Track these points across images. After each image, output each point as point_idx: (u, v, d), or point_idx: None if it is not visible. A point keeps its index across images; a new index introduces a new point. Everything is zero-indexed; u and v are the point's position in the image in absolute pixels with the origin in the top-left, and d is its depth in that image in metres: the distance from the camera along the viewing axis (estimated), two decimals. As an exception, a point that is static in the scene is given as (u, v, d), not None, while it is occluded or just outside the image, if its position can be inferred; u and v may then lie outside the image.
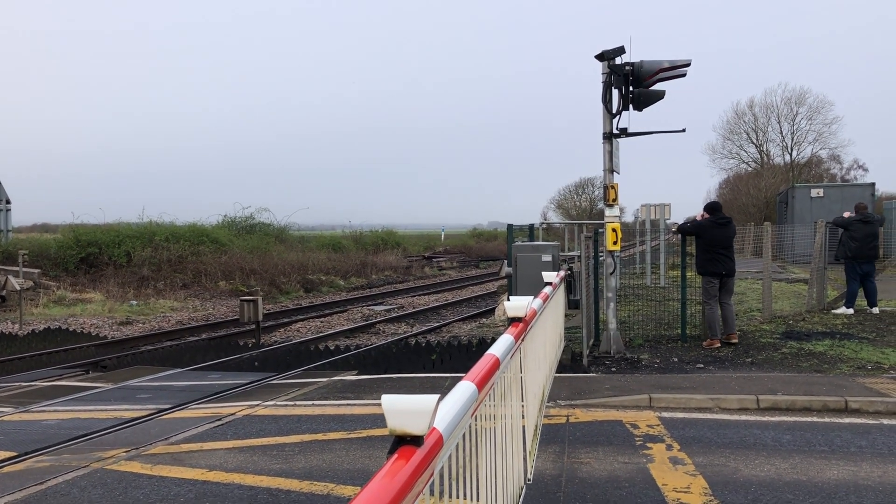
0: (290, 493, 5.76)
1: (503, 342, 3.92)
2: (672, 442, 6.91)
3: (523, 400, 4.88)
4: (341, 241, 43.51)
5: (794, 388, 8.66)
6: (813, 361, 10.36)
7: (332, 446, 7.03)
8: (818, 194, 34.09)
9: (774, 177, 56.09)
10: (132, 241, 28.50)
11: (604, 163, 11.18)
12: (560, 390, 8.80)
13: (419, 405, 2.03)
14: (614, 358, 11.06)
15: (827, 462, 6.26)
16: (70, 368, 12.51)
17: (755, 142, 63.19)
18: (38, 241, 30.06)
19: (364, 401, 8.79)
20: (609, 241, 11.19)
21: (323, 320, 19.59)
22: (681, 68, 10.73)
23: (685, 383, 9.07)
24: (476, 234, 68.17)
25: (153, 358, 13.45)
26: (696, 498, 5.45)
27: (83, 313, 20.47)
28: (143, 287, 25.40)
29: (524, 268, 11.46)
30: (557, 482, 5.85)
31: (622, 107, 11.00)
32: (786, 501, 5.35)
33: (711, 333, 11.81)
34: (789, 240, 30.33)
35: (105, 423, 8.17)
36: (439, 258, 48.16)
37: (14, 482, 6.17)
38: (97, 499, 5.72)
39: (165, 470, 6.39)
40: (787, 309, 15.69)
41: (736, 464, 6.24)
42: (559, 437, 7.13)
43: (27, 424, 8.35)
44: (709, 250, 11.86)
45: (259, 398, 9.30)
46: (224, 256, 29.21)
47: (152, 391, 10.13)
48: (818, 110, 60.01)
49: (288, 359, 12.68)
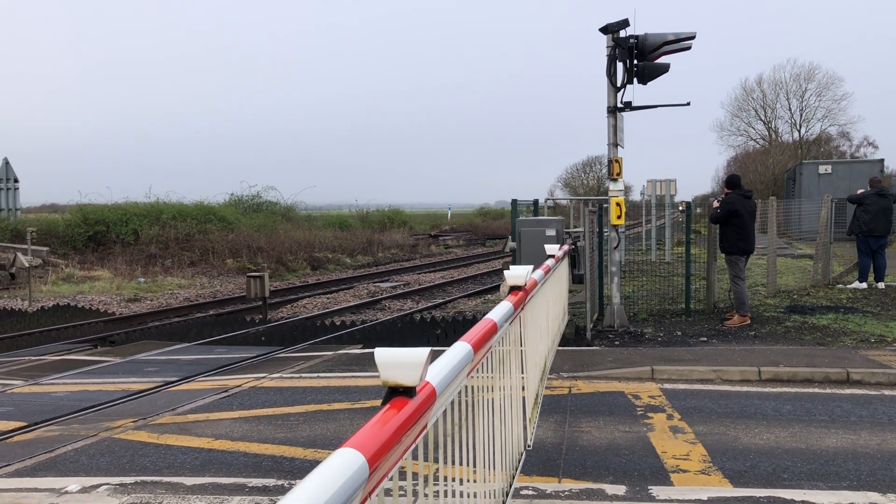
0: (293, 459, 5.85)
1: (501, 308, 3.96)
2: (673, 412, 6.97)
3: (524, 369, 4.94)
4: (348, 220, 43.55)
5: (796, 360, 8.70)
6: (816, 335, 10.39)
7: (336, 416, 7.11)
8: (826, 171, 33.93)
9: (783, 154, 55.80)
10: (139, 219, 28.60)
11: (608, 137, 11.17)
12: (563, 363, 8.86)
13: (411, 357, 2.08)
14: (618, 332, 11.11)
15: (826, 431, 6.31)
16: (79, 343, 12.64)
17: (763, 119, 62.85)
18: (46, 219, 30.19)
19: (369, 373, 8.88)
20: (613, 216, 11.20)
21: (329, 297, 19.69)
22: (685, 41, 10.69)
23: (688, 356, 9.12)
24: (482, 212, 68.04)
25: (161, 333, 13.57)
26: (695, 464, 5.51)
27: (91, 290, 20.62)
28: (151, 265, 25.53)
29: (528, 243, 11.49)
30: (558, 449, 5.92)
31: (626, 80, 10.97)
32: (784, 468, 5.41)
33: (742, 310, 11.36)
34: (796, 216, 30.23)
35: (113, 395, 8.27)
36: (445, 236, 48.18)
37: (24, 450, 6.28)
38: (105, 465, 5.82)
39: (172, 439, 6.49)
40: (792, 284, 15.69)
41: (736, 432, 6.30)
42: (561, 407, 7.19)
43: (37, 396, 8.46)
44: (741, 228, 11.28)
45: (265, 371, 9.40)
46: (231, 234, 29.30)
47: (159, 365, 10.24)
48: (827, 87, 59.60)
49: (294, 333, 12.78)
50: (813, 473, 5.29)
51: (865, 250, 14.78)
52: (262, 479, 5.41)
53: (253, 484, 5.33)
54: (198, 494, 5.14)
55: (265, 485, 5.31)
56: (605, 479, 5.25)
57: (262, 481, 5.38)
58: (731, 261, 11.55)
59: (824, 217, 15.68)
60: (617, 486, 5.09)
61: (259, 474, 5.54)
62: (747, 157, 61.33)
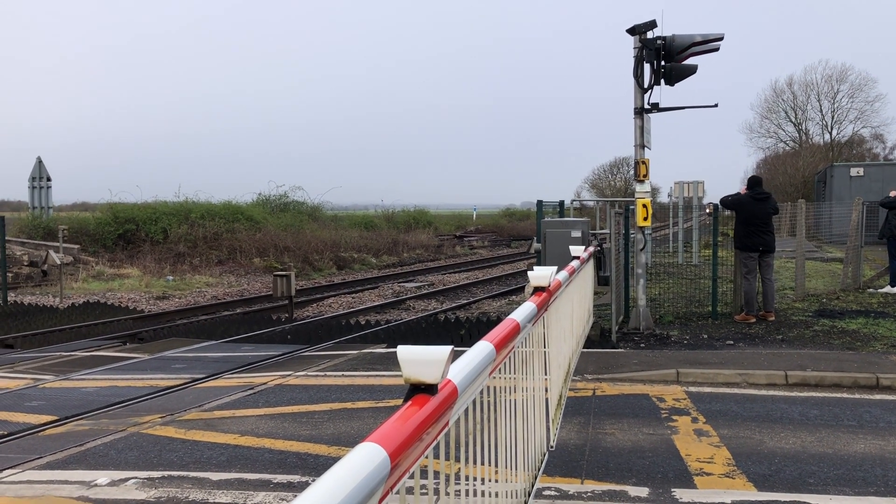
0: (318, 457, 5.90)
1: (525, 308, 3.98)
2: (698, 415, 6.93)
3: (547, 370, 4.95)
4: (373, 220, 43.71)
5: (824, 364, 8.60)
6: (845, 339, 10.26)
7: (360, 414, 7.16)
8: (858, 173, 33.45)
9: (813, 156, 55.06)
10: (168, 218, 28.94)
11: (635, 138, 11.12)
12: (587, 365, 8.84)
13: (433, 355, 2.10)
14: (643, 334, 11.05)
15: (854, 436, 6.24)
16: (108, 340, 12.84)
17: (794, 120, 62.10)
18: (77, 217, 30.63)
19: (393, 372, 8.92)
20: (639, 217, 11.15)
21: (354, 296, 19.79)
22: (714, 42, 10.61)
23: (714, 359, 9.05)
24: (508, 213, 67.84)
25: (188, 330, 13.73)
26: (720, 468, 5.48)
27: (121, 288, 20.92)
28: (179, 263, 25.83)
29: (553, 244, 11.47)
30: (581, 451, 5.92)
31: (654, 81, 10.91)
32: (810, 473, 5.36)
33: (748, 308, 11.77)
34: (826, 219, 29.85)
35: (141, 391, 8.40)
36: (470, 237, 48.18)
37: (55, 444, 6.40)
38: (133, 460, 5.92)
39: (199, 434, 6.58)
40: (821, 287, 15.50)
41: (761, 436, 6.25)
42: (585, 409, 7.18)
43: (67, 391, 8.61)
44: (746, 225, 11.83)
45: (290, 369, 9.48)
46: (258, 234, 29.55)
47: (187, 362, 10.37)
48: (860, 88, 58.78)
49: (319, 332, 12.87)
50: (840, 479, 5.23)
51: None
52: (287, 476, 5.47)
53: (278, 480, 5.39)
54: (223, 489, 5.21)
55: (290, 481, 5.36)
56: (628, 481, 5.24)
57: (286, 478, 5.44)
58: (740, 257, 12.08)
59: (855, 220, 15.47)
60: (640, 489, 5.08)
61: (284, 471, 5.60)
62: (777, 159, 60.61)
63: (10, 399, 8.18)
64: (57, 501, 5.05)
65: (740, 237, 11.96)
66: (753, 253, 11.81)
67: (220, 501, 5.01)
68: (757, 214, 11.78)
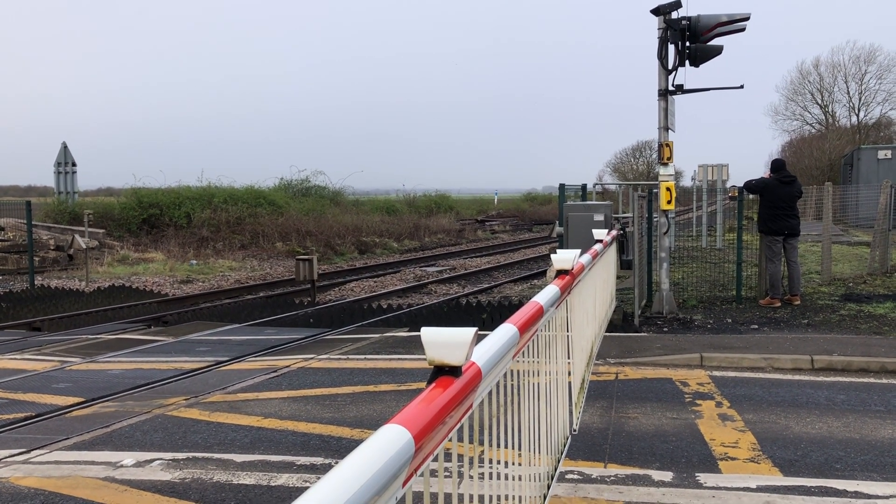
0: (341, 439, 5.93)
1: (548, 291, 3.95)
2: (722, 399, 6.87)
3: (570, 353, 4.92)
4: (395, 205, 43.72)
5: (850, 349, 8.49)
6: (872, 324, 10.13)
7: (382, 397, 7.19)
8: (886, 156, 32.90)
9: (840, 139, 54.19)
10: (192, 203, 29.13)
11: (658, 120, 11.00)
12: (610, 349, 8.79)
13: (457, 337, 2.08)
14: (666, 318, 10.98)
15: (882, 421, 6.16)
16: (133, 323, 12.97)
17: (820, 102, 61.12)
18: (102, 203, 30.94)
19: (415, 355, 8.93)
20: (663, 201, 11.04)
21: (376, 280, 19.83)
22: (739, 22, 10.45)
23: (738, 343, 8.97)
24: (530, 198, 67.59)
25: (212, 314, 13.83)
26: (744, 452, 5.43)
27: (145, 272, 21.12)
28: (203, 247, 26.02)
29: (576, 228, 11.40)
30: (604, 434, 5.89)
31: (678, 63, 10.78)
32: (836, 458, 5.30)
33: (773, 292, 11.68)
34: (853, 202, 29.43)
35: (166, 374, 8.48)
36: (492, 222, 48.08)
37: (82, 425, 6.48)
38: (158, 441, 5.98)
39: (223, 417, 6.63)
40: (848, 272, 15.29)
41: (787, 421, 6.19)
42: (607, 393, 7.15)
43: (93, 373, 8.72)
44: (771, 208, 11.73)
45: (313, 352, 9.53)
46: (281, 218, 29.67)
47: (211, 345, 10.45)
48: (889, 69, 57.63)
49: (342, 316, 12.92)
50: (867, 464, 5.17)
51: (926, 238, 14.34)
52: (310, 458, 5.50)
53: (301, 462, 5.42)
54: (247, 471, 5.25)
55: (313, 463, 5.39)
56: (651, 465, 5.21)
57: (309, 459, 5.47)
58: (765, 241, 12.00)
59: (883, 203, 15.21)
60: (664, 473, 5.05)
61: (307, 453, 5.63)
62: (802, 141, 59.71)
63: (38, 381, 8.30)
64: (84, 481, 5.12)
65: (765, 220, 11.85)
66: (778, 236, 11.69)
67: (244, 482, 5.04)
68: (782, 197, 11.65)
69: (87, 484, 5.07)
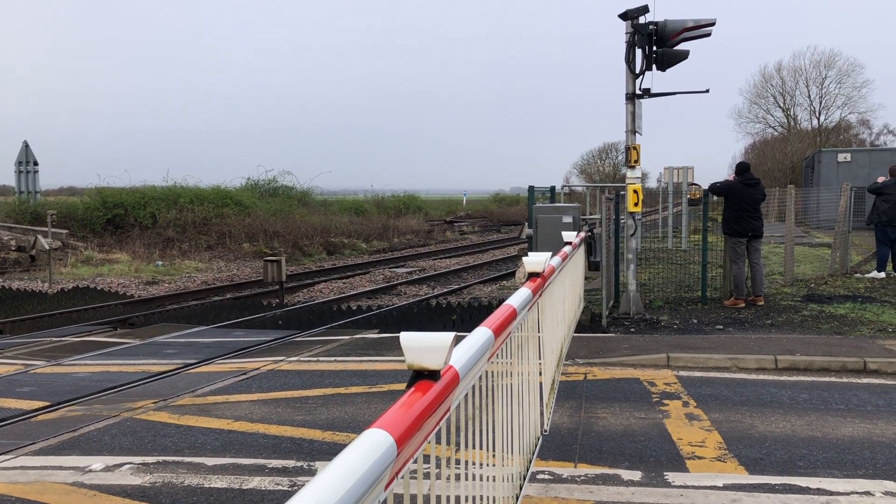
0: (312, 441, 5.93)
1: (521, 294, 4.00)
2: (689, 399, 6.99)
3: (541, 354, 4.98)
4: (363, 205, 43.62)
5: (812, 349, 8.68)
6: (833, 324, 10.36)
7: (353, 399, 7.19)
8: (845, 159, 33.62)
9: (801, 142, 55.27)
10: (157, 203, 28.79)
11: (626, 124, 11.13)
12: (579, 349, 8.89)
13: (436, 342, 2.12)
14: (633, 319, 11.11)
15: (843, 420, 6.32)
16: (99, 325, 12.80)
17: (782, 106, 62.20)
18: (65, 202, 30.43)
19: (385, 357, 8.94)
20: (630, 203, 11.18)
21: (345, 282, 19.79)
22: (705, 27, 10.62)
23: (704, 343, 9.12)
24: (498, 199, 67.80)
25: (179, 316, 13.70)
26: (711, 451, 5.54)
27: (110, 273, 20.83)
28: (169, 248, 25.74)
29: (545, 229, 11.51)
30: (574, 435, 5.97)
31: (645, 67, 10.91)
32: (799, 456, 5.43)
33: (737, 293, 11.89)
34: (814, 204, 30.03)
35: (134, 377, 8.39)
36: (461, 223, 48.18)
37: (48, 429, 6.39)
38: (127, 445, 5.93)
39: (192, 420, 6.59)
40: (810, 273, 15.62)
41: (752, 420, 6.31)
42: (577, 393, 7.23)
43: (59, 377, 8.59)
44: (736, 210, 11.93)
45: (283, 354, 9.49)
46: (248, 219, 29.45)
47: (179, 347, 10.36)
48: (848, 73, 58.90)
49: (311, 318, 12.88)
50: (829, 462, 5.30)
51: (884, 240, 14.69)
52: (282, 461, 5.50)
53: (273, 465, 5.41)
54: (218, 474, 5.23)
55: (285, 466, 5.39)
56: (620, 464, 5.29)
57: (281, 462, 5.46)
58: (729, 242, 12.17)
59: (843, 206, 15.56)
60: (633, 472, 5.13)
61: (279, 455, 5.62)
62: (765, 144, 60.79)
63: (1, 385, 8.17)
64: (52, 487, 5.06)
65: (729, 222, 12.04)
66: (742, 238, 11.90)
67: (215, 486, 5.02)
68: (746, 200, 11.87)
69: (54, 489, 5.01)
